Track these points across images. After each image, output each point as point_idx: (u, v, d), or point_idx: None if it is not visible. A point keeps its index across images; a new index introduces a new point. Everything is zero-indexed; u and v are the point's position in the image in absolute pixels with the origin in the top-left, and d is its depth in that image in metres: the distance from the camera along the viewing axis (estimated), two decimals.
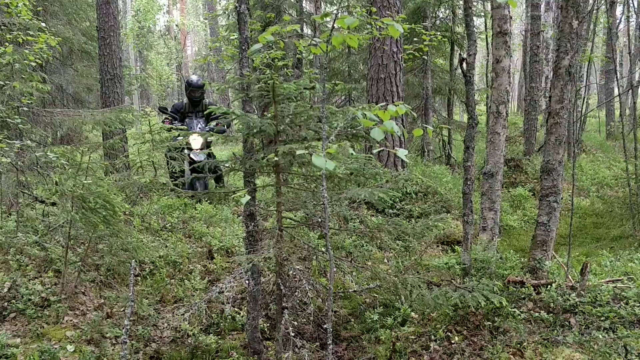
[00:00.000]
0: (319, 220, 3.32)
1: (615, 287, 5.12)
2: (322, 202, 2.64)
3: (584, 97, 15.77)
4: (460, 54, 12.48)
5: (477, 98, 17.29)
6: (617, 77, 9.19)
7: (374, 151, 2.84)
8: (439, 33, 9.88)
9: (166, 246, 6.27)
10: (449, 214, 8.59)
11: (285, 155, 3.07)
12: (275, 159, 3.09)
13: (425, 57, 12.58)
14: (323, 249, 3.92)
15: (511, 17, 6.44)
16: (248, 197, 2.83)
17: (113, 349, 4.49)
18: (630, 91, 12.19)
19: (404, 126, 9.89)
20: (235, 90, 3.36)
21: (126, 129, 9.33)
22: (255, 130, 3.16)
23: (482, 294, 2.88)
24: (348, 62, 15.87)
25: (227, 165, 3.33)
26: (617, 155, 15.88)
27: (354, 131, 3.07)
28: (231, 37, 10.04)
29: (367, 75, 10.27)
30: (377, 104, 2.90)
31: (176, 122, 9.12)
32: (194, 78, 9.37)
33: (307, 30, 15.75)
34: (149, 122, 7.43)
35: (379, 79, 9.69)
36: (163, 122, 9.00)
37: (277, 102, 3.19)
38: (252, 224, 3.70)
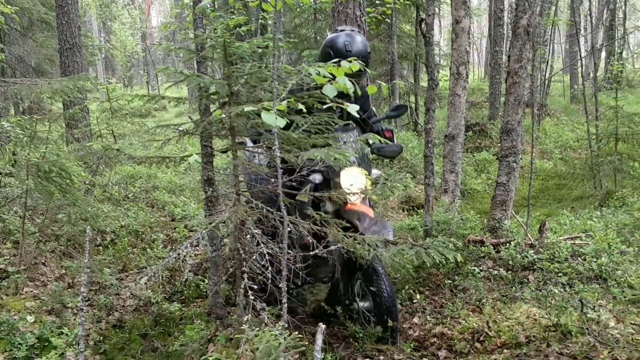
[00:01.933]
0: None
1: (573, 244, 5.23)
2: (275, 161, 2.61)
3: (548, 61, 15.91)
4: (420, 16, 12.46)
5: (442, 63, 17.31)
6: (579, 40, 9.26)
7: (324, 107, 2.81)
8: None
9: (128, 216, 6.20)
10: (413, 178, 8.64)
11: (239, 116, 3.03)
12: (228, 120, 3.04)
13: (389, 20, 12.49)
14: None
15: None
16: (196, 158, 2.79)
17: (74, 319, 4.44)
18: (592, 54, 12.32)
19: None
20: (187, 51, 3.29)
21: (86, 98, 9.12)
22: (208, 92, 3.11)
23: (437, 251, 2.90)
24: (314, 28, 15.69)
25: (180, 129, 3.27)
26: (580, 118, 16.13)
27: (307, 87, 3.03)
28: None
29: None
30: None
31: None
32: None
33: None
34: (107, 90, 7.25)
35: None
36: None
37: (230, 63, 3.12)
38: (211, 189, 3.65)
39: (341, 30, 4.12)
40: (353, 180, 3.78)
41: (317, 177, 3.89)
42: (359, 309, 4.07)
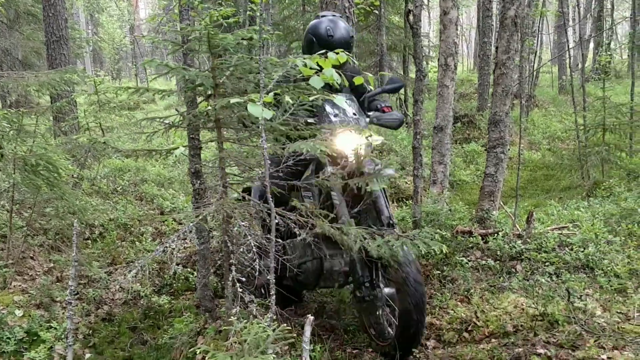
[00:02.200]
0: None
1: (560, 234, 5.27)
2: (262, 154, 2.61)
3: (536, 52, 15.95)
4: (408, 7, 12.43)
5: (432, 54, 17.32)
6: (566, 31, 9.30)
7: (311, 98, 2.80)
8: None
9: (116, 209, 6.18)
10: (402, 170, 8.66)
11: (224, 108, 3.02)
12: (214, 112, 3.03)
13: (377, 12, 12.46)
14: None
15: None
16: (182, 150, 2.78)
17: (63, 313, 4.43)
18: (580, 45, 12.39)
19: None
20: (172, 43, 3.27)
21: (73, 90, 9.06)
22: (193, 84, 3.09)
23: (423, 242, 2.90)
24: (303, 20, 15.64)
25: (167, 121, 3.25)
26: (568, 108, 16.20)
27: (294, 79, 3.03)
28: None
29: None
30: None
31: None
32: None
33: None
34: (95, 82, 7.20)
35: None
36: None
37: (215, 54, 3.11)
38: (198, 182, 3.64)
39: (323, 16, 4.09)
40: (348, 141, 3.61)
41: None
42: (382, 296, 3.62)
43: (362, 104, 4.20)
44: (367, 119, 4.00)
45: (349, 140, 3.62)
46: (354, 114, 3.82)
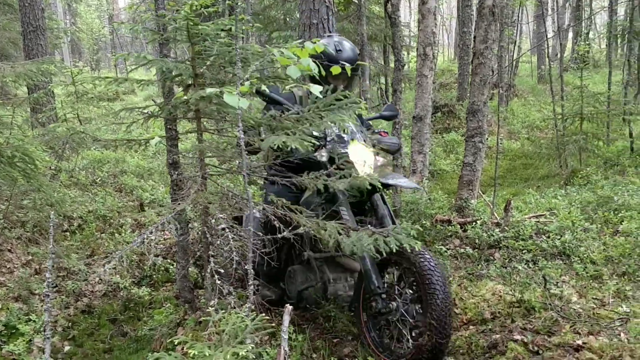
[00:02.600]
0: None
1: (538, 222, 5.34)
2: (239, 144, 2.60)
3: (516, 42, 16.05)
4: None
5: (412, 44, 17.33)
6: (545, 20, 9.37)
7: (287, 87, 2.80)
8: None
9: (95, 201, 6.13)
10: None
11: (204, 99, 3.00)
12: (193, 103, 3.02)
13: (357, 1, 12.42)
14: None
15: None
16: (157, 140, 2.76)
17: (42, 306, 4.40)
18: (559, 35, 12.48)
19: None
20: (150, 32, 3.24)
21: (51, 81, 8.95)
22: (171, 75, 3.08)
23: (396, 239, 2.88)
24: (284, 10, 15.54)
25: (145, 112, 3.23)
26: (547, 98, 16.34)
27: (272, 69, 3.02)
28: None
29: (300, 21, 10.09)
30: None
31: None
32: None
33: None
34: (72, 73, 7.12)
35: (310, 24, 9.48)
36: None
37: (194, 44, 3.09)
38: (176, 173, 3.63)
39: (330, 36, 4.13)
40: (362, 156, 3.55)
41: (324, 156, 3.64)
42: (398, 309, 3.28)
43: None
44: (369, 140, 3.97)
45: (361, 153, 3.58)
46: (360, 132, 3.80)
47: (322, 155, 3.65)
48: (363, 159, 3.54)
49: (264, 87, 2.71)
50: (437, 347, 3.01)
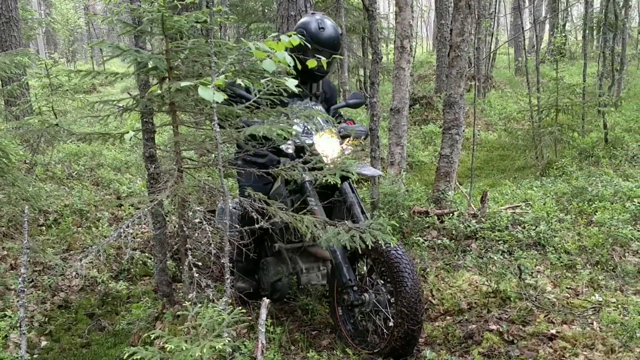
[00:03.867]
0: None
1: (514, 212, 5.40)
2: (215, 137, 2.60)
3: (493, 34, 16.14)
4: None
5: (391, 36, 17.35)
6: (521, 12, 9.44)
7: (262, 81, 2.80)
8: None
9: (72, 194, 6.07)
10: (362, 151, 8.69)
11: (179, 92, 2.99)
12: (168, 96, 3.00)
13: None
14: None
15: None
16: (131, 134, 2.75)
17: (17, 301, 4.35)
18: (535, 27, 12.58)
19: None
20: (123, 24, 3.21)
21: (25, 74, 8.81)
22: (146, 67, 3.05)
23: (372, 235, 2.91)
24: (262, 1, 15.46)
25: (120, 105, 3.20)
26: (523, 89, 16.47)
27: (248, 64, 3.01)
28: None
29: (277, 12, 10.05)
30: None
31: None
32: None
33: None
34: (46, 65, 7.02)
35: (289, 16, 9.44)
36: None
37: (169, 37, 3.07)
38: (153, 166, 3.61)
39: (313, 14, 4.13)
40: (328, 145, 3.61)
41: (290, 147, 3.68)
42: (371, 300, 3.35)
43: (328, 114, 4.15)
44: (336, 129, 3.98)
45: (327, 143, 3.62)
46: (327, 121, 3.82)
47: (288, 147, 3.69)
48: (330, 149, 3.59)
49: (239, 81, 2.69)
50: (409, 333, 3.07)
